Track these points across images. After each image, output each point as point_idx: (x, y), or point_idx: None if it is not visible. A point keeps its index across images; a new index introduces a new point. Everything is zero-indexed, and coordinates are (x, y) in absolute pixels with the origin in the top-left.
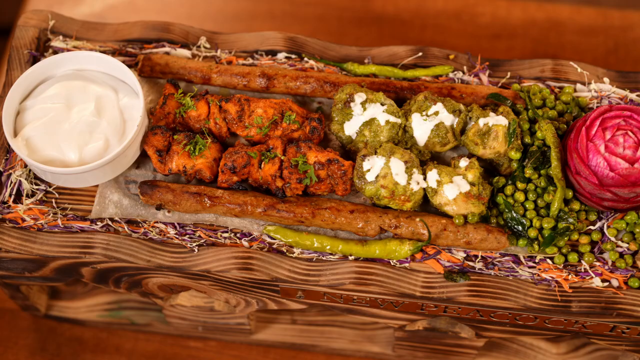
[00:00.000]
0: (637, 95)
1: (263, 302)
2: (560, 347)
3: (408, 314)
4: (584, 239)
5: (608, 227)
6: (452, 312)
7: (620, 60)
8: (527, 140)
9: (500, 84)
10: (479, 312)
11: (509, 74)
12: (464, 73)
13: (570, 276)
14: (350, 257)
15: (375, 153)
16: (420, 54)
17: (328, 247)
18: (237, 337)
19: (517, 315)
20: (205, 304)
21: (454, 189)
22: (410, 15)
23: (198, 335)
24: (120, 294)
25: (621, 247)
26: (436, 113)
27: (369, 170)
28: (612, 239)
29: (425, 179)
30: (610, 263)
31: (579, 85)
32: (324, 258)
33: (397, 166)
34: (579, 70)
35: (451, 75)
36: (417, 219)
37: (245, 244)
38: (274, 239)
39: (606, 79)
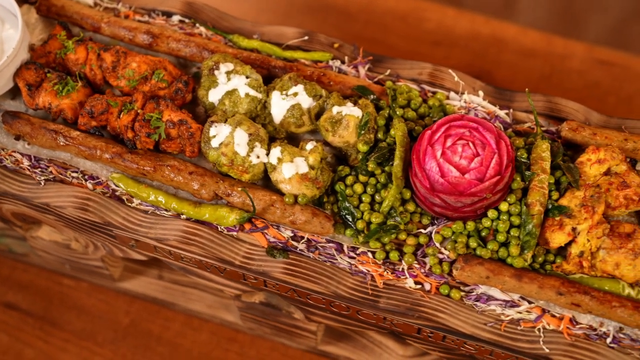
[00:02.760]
0: (505, 113)
1: (109, 248)
2: (407, 350)
3: (238, 284)
4: (411, 240)
5: (437, 233)
6: (272, 287)
7: (552, 86)
8: (381, 136)
9: (376, 79)
10: (296, 292)
11: (388, 71)
12: (343, 62)
13: (386, 273)
14: (182, 217)
15: (226, 122)
16: (306, 37)
17: (162, 202)
18: (105, 283)
19: (331, 301)
20: (63, 241)
21: (292, 169)
22: (357, 10)
23: (71, 275)
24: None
25: (443, 254)
26: (295, 94)
27: (214, 137)
28: (437, 245)
29: (268, 154)
30: (428, 267)
31: (452, 94)
32: (158, 212)
33: (240, 137)
34: (456, 79)
35: (331, 62)
36: (240, 188)
37: (90, 186)
38: (118, 186)
39: (481, 92)
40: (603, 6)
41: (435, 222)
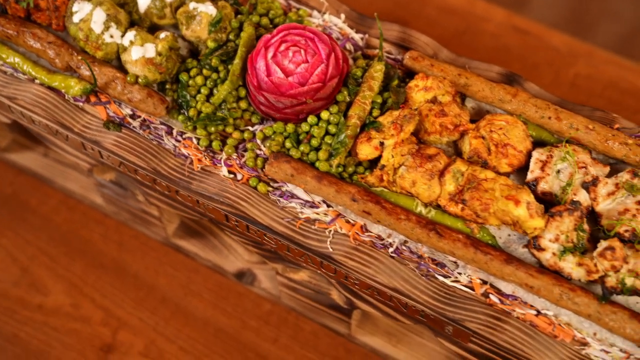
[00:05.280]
0: (360, 37)
1: None
2: (252, 256)
3: (84, 154)
4: (236, 135)
5: (260, 131)
6: (106, 158)
7: (463, 44)
8: (232, 37)
9: None
10: (126, 166)
11: None
12: None
13: (205, 159)
14: (37, 81)
15: (89, 0)
16: None
17: (19, 64)
18: None
19: (154, 178)
20: None
21: (140, 52)
22: None
23: None
24: None
25: (261, 150)
26: None
27: (76, 12)
28: (258, 141)
29: (123, 37)
30: (244, 160)
31: (315, 13)
32: (16, 75)
33: (98, 16)
34: None
35: None
36: (80, 57)
37: None
38: None
39: (342, 15)
40: (616, 13)
41: (264, 122)
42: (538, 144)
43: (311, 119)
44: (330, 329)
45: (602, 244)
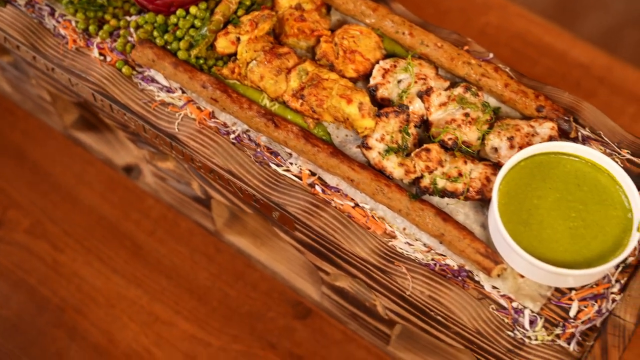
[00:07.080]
0: None
1: None
2: (140, 152)
3: None
4: (113, 22)
5: (134, 20)
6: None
7: None
8: None
9: None
10: (9, 42)
11: None
12: None
13: (80, 40)
14: None
15: None
16: None
17: None
18: None
19: (34, 56)
20: None
21: None
22: None
23: None
24: None
25: (133, 38)
26: None
27: None
28: (131, 29)
29: None
30: (115, 45)
31: None
32: None
33: None
34: None
35: None
36: None
37: None
38: None
39: None
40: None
41: (142, 14)
42: (391, 57)
43: (180, 12)
44: (202, 226)
45: (423, 147)
